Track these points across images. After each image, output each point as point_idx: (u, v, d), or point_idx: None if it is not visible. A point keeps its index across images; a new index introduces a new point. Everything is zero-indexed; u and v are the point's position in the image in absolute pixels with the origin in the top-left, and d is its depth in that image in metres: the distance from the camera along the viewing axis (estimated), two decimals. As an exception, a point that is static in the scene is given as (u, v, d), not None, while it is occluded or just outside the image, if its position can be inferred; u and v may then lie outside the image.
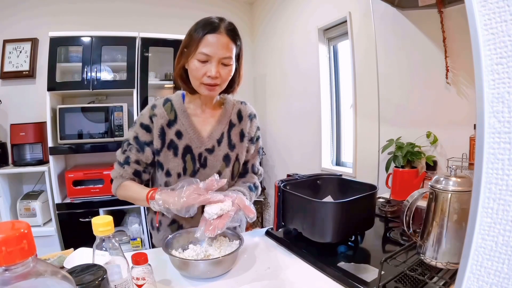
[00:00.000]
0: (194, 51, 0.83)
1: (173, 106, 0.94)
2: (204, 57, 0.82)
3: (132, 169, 0.94)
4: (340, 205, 0.81)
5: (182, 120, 0.93)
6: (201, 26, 0.83)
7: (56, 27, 2.32)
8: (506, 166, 0.32)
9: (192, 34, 0.85)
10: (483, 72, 0.33)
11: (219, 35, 0.82)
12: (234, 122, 0.98)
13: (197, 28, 0.84)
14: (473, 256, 0.35)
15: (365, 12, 1.76)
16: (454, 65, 1.33)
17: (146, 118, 0.93)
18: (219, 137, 0.95)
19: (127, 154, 0.94)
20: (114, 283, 0.51)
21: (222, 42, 0.82)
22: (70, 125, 2.21)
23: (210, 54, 0.82)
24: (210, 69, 0.82)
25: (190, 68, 0.86)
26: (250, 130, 1.01)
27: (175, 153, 0.92)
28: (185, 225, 0.96)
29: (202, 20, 0.86)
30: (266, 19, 2.93)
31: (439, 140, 1.42)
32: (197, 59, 0.83)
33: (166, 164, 0.93)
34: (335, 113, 2.29)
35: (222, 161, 0.95)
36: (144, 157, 0.93)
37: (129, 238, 2.35)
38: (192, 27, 0.86)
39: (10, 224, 0.32)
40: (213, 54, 0.82)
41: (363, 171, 1.91)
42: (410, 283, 0.65)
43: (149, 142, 0.93)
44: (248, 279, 0.73)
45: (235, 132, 0.98)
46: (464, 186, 0.62)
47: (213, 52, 0.82)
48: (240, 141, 0.98)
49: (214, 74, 0.82)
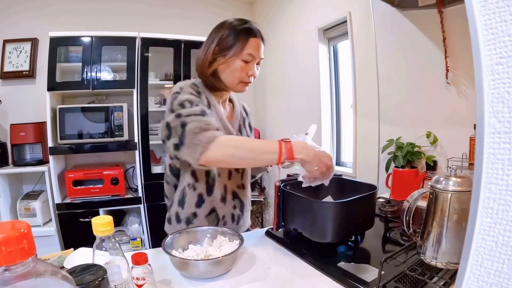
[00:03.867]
0: (239, 52, 0.89)
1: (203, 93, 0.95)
2: (250, 58, 0.90)
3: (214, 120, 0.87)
4: (340, 205, 0.81)
5: (212, 108, 0.94)
6: (245, 29, 0.91)
7: (56, 27, 2.32)
8: (506, 166, 0.32)
9: (237, 36, 0.90)
10: (483, 72, 0.33)
11: (258, 39, 0.92)
12: (244, 116, 1.09)
13: (238, 31, 0.90)
14: (473, 256, 0.35)
15: (365, 12, 1.76)
16: (454, 65, 1.33)
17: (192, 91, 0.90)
18: (238, 128, 1.04)
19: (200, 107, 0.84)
20: (114, 283, 0.51)
21: (260, 45, 0.92)
22: (70, 125, 2.21)
23: (255, 55, 0.91)
24: (252, 69, 0.92)
25: (230, 67, 0.91)
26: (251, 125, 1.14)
27: None
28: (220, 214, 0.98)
29: (240, 22, 0.92)
30: (266, 19, 2.93)
31: (439, 140, 1.42)
32: (242, 59, 0.90)
33: None
34: (335, 113, 2.29)
35: None
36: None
37: (129, 238, 2.35)
38: (231, 29, 0.90)
39: (10, 224, 0.32)
40: (256, 55, 0.92)
41: (363, 171, 1.91)
42: (410, 283, 0.65)
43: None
44: (248, 279, 0.73)
45: (246, 124, 1.09)
46: (464, 186, 0.62)
47: (256, 54, 0.91)
48: (250, 132, 1.11)
49: (256, 74, 0.94)
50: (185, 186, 0.96)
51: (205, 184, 0.95)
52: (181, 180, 0.99)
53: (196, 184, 0.95)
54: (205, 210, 0.96)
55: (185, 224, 0.97)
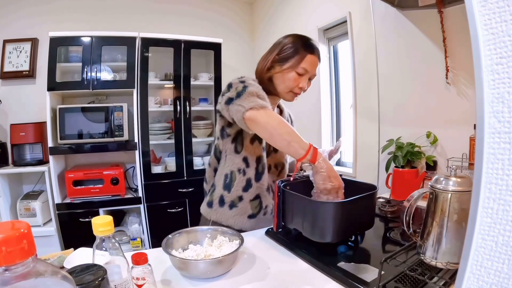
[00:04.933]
0: (296, 64, 0.98)
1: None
2: (303, 72, 0.99)
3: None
4: (340, 205, 0.81)
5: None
6: (305, 45, 0.99)
7: (56, 27, 2.32)
8: (506, 166, 0.32)
9: (297, 49, 0.99)
10: (483, 72, 0.33)
11: (315, 57, 1.00)
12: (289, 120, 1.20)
13: (300, 45, 0.99)
14: (473, 256, 0.35)
15: (365, 12, 1.76)
16: (454, 65, 1.33)
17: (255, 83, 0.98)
18: None
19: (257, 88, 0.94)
20: (114, 283, 0.51)
21: (316, 63, 1.01)
22: (70, 125, 2.21)
23: (309, 70, 0.99)
24: (303, 82, 1.00)
25: (284, 76, 1.00)
26: None
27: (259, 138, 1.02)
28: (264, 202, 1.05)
29: (302, 38, 1.01)
30: (266, 19, 2.93)
31: (439, 140, 1.42)
32: (296, 72, 0.98)
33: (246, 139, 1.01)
34: (335, 113, 2.29)
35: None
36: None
37: (129, 238, 2.35)
38: (292, 43, 1.00)
39: (10, 224, 0.32)
40: (310, 71, 1.00)
41: (363, 171, 1.91)
42: (410, 283, 0.65)
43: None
44: (248, 279, 0.73)
45: None
46: (464, 186, 0.62)
47: (310, 70, 1.00)
48: None
49: (306, 87, 1.03)
50: (234, 170, 1.02)
51: (254, 170, 1.02)
52: (227, 165, 1.04)
53: (247, 169, 1.02)
54: (250, 195, 1.03)
55: (228, 207, 1.03)
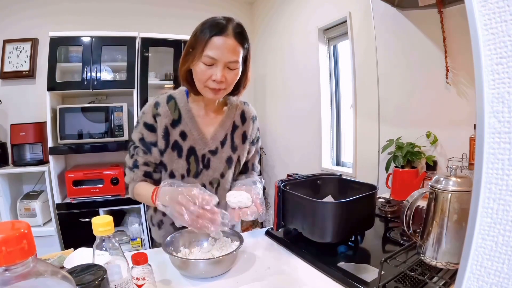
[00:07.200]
0: (200, 53, 0.79)
1: (177, 105, 0.91)
2: (210, 61, 0.79)
3: (142, 171, 0.92)
4: (340, 205, 0.81)
5: (186, 120, 0.91)
6: (208, 27, 0.79)
7: (56, 27, 2.32)
8: (506, 166, 0.32)
9: (198, 35, 0.80)
10: (483, 72, 0.33)
11: (226, 37, 0.78)
12: (238, 124, 0.98)
13: (203, 29, 0.80)
14: (473, 256, 0.35)
15: (365, 12, 1.76)
16: (454, 65, 1.32)
17: (149, 117, 0.89)
18: (222, 139, 0.95)
19: (135, 158, 0.92)
20: (114, 283, 0.51)
21: (229, 45, 0.78)
22: (70, 125, 2.21)
23: (216, 57, 0.78)
24: (216, 73, 0.79)
25: (195, 70, 0.83)
26: (252, 133, 1.01)
27: (179, 154, 0.91)
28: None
29: (208, 20, 0.81)
30: (266, 19, 2.93)
31: (439, 140, 1.42)
32: (202, 62, 0.79)
33: (170, 165, 0.92)
34: (335, 113, 2.29)
35: (225, 163, 0.95)
36: (152, 158, 0.91)
37: (129, 238, 2.35)
38: (198, 27, 0.82)
39: (10, 224, 0.32)
40: (219, 57, 0.78)
41: (363, 171, 1.91)
42: (410, 283, 0.65)
43: (155, 142, 0.90)
44: (248, 279, 0.73)
45: (238, 134, 0.98)
46: (464, 186, 0.62)
47: (219, 56, 0.78)
48: (242, 143, 0.99)
49: (219, 79, 0.79)
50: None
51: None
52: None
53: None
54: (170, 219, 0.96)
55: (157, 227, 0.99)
